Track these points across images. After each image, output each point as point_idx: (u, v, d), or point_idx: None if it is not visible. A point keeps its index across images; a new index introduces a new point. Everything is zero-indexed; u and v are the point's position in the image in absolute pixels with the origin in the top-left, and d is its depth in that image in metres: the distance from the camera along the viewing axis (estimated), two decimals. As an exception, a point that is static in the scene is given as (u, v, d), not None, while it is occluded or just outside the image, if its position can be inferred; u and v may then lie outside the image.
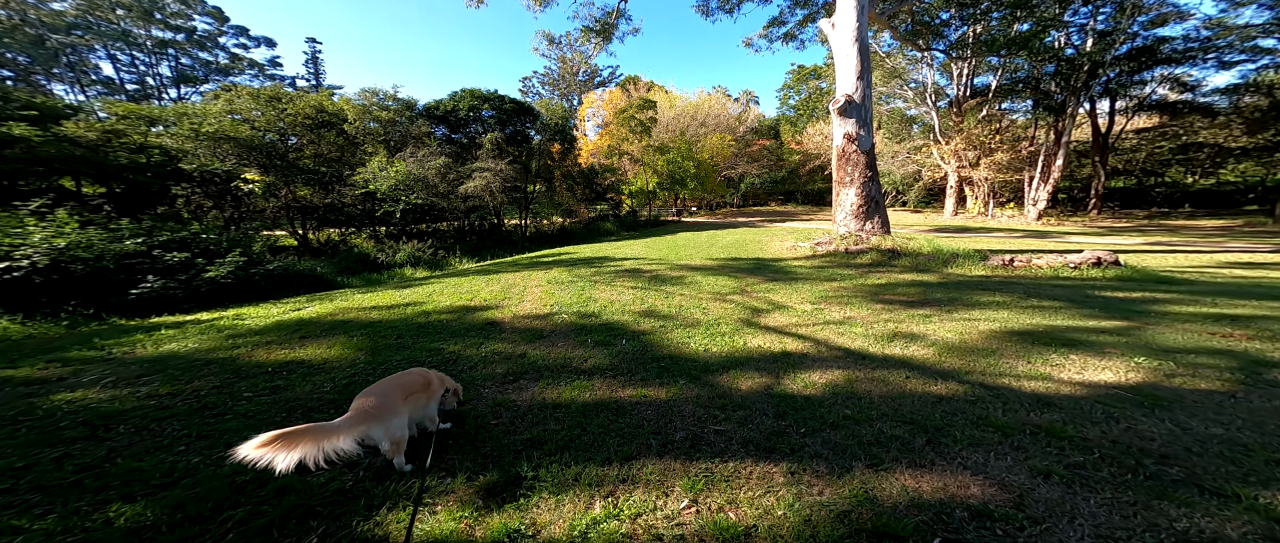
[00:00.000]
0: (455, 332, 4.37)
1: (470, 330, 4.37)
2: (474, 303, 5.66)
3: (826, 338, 3.82)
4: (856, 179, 9.47)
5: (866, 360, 3.20)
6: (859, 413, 2.39)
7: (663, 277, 7.31)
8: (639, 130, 23.34)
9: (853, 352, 3.41)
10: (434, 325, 4.57)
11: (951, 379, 2.74)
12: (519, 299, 5.84)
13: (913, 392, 2.61)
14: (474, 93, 18.06)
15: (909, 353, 3.31)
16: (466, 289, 6.62)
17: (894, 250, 8.15)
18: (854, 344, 3.60)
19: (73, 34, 28.07)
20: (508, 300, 5.77)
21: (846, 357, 3.32)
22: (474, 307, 5.46)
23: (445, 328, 4.50)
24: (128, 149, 10.39)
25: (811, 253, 9.61)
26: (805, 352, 3.50)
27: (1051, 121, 16.31)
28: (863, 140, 9.40)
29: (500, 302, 5.70)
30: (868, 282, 6.41)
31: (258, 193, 10.29)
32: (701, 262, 9.18)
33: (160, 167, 10.22)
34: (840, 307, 5.00)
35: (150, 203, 11.73)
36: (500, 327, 4.54)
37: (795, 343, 3.74)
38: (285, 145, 14.86)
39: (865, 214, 9.51)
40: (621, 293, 6.06)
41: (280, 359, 3.39)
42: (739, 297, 5.74)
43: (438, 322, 4.72)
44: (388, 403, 1.83)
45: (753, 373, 3.11)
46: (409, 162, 14.13)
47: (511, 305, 5.49)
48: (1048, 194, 16.20)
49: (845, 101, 9.41)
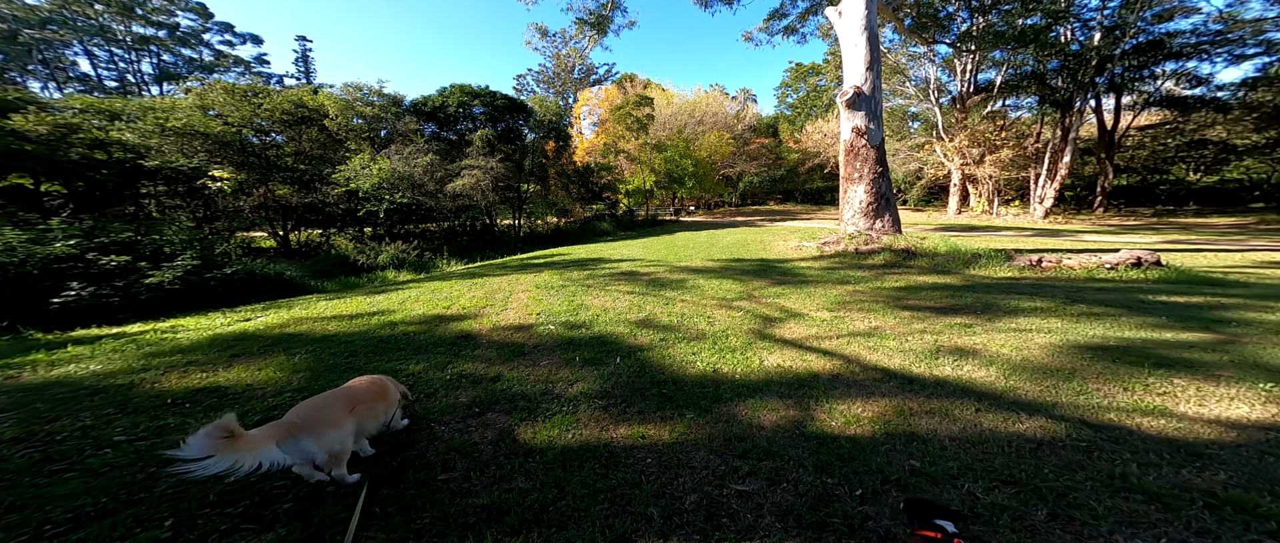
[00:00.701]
0: (421, 347, 3.74)
1: (439, 346, 3.75)
2: (450, 311, 5.03)
3: (857, 354, 3.24)
4: (866, 175, 8.93)
5: (915, 385, 2.62)
6: (931, 465, 1.79)
7: (661, 280, 6.71)
8: (636, 128, 22.76)
9: (894, 373, 2.83)
10: (398, 339, 3.94)
11: (1038, 413, 2.16)
12: (501, 307, 5.22)
13: (993, 432, 2.02)
14: (464, 88, 17.39)
15: (965, 374, 2.73)
16: (445, 295, 5.98)
17: (908, 250, 7.61)
18: (893, 362, 3.02)
19: (48, 29, 27.08)
20: (489, 309, 5.14)
21: (888, 379, 2.73)
22: (449, 316, 4.83)
23: (411, 342, 3.87)
24: (83, 145, 9.65)
25: (819, 253, 9.05)
26: (836, 372, 2.91)
27: (1058, 118, 15.93)
28: (872, 134, 8.86)
29: (480, 310, 5.08)
30: (885, 285, 5.85)
31: (226, 191, 9.61)
32: (702, 263, 8.59)
33: (118, 164, 9.48)
34: (862, 314, 4.42)
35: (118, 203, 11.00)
36: (475, 341, 3.92)
37: (821, 361, 3.16)
38: (263, 142, 14.14)
39: (875, 212, 8.96)
40: (616, 299, 5.45)
41: (192, 386, 2.76)
42: (747, 303, 5.15)
43: (403, 334, 4.09)
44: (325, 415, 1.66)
45: (776, 402, 2.52)
46: (394, 159, 13.46)
47: (492, 315, 4.87)
48: (1054, 192, 15.78)
49: (853, 93, 8.87)
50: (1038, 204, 16.71)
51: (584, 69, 39.48)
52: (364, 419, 1.84)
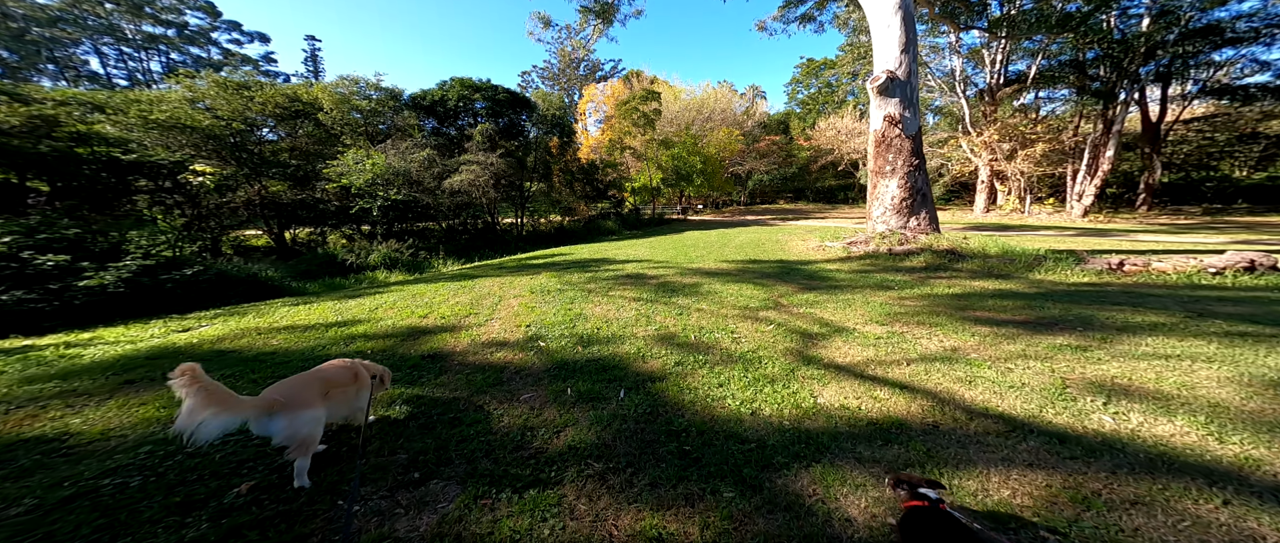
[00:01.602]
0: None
1: (397, 370, 2.98)
2: (426, 322, 4.27)
3: (949, 390, 2.40)
4: (899, 168, 8.01)
5: (1069, 445, 1.78)
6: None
7: (673, 284, 5.89)
8: (642, 123, 21.95)
9: (1023, 422, 1.99)
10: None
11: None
12: (487, 317, 4.45)
13: None
14: (464, 82, 16.75)
15: (1141, 429, 1.88)
16: (426, 301, 5.24)
17: (953, 251, 6.69)
18: (1010, 405, 2.17)
19: (58, 27, 27.18)
20: (471, 319, 4.38)
21: (1018, 433, 1.90)
22: (423, 328, 4.07)
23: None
24: (64, 138, 9.13)
25: (845, 254, 8.15)
26: (931, 419, 2.08)
27: (1100, 109, 14.75)
28: (908, 123, 7.94)
29: (461, 320, 4.31)
30: (936, 291, 4.96)
31: (209, 187, 9.05)
32: (716, 265, 7.76)
33: (100, 159, 8.94)
34: (926, 330, 3.56)
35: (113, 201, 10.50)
36: (445, 363, 3.15)
37: (900, 398, 2.32)
38: (257, 136, 13.62)
39: (909, 209, 8.04)
40: (621, 308, 4.65)
41: (25, 434, 2.01)
42: (775, 313, 4.32)
43: (359, 353, 3.34)
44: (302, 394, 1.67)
45: (857, 472, 1.70)
46: (390, 154, 12.83)
47: (474, 326, 4.10)
48: (1095, 189, 14.57)
49: (886, 79, 7.96)
50: (1075, 202, 15.52)
51: (589, 65, 38.79)
52: (335, 405, 1.82)
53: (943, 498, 1.28)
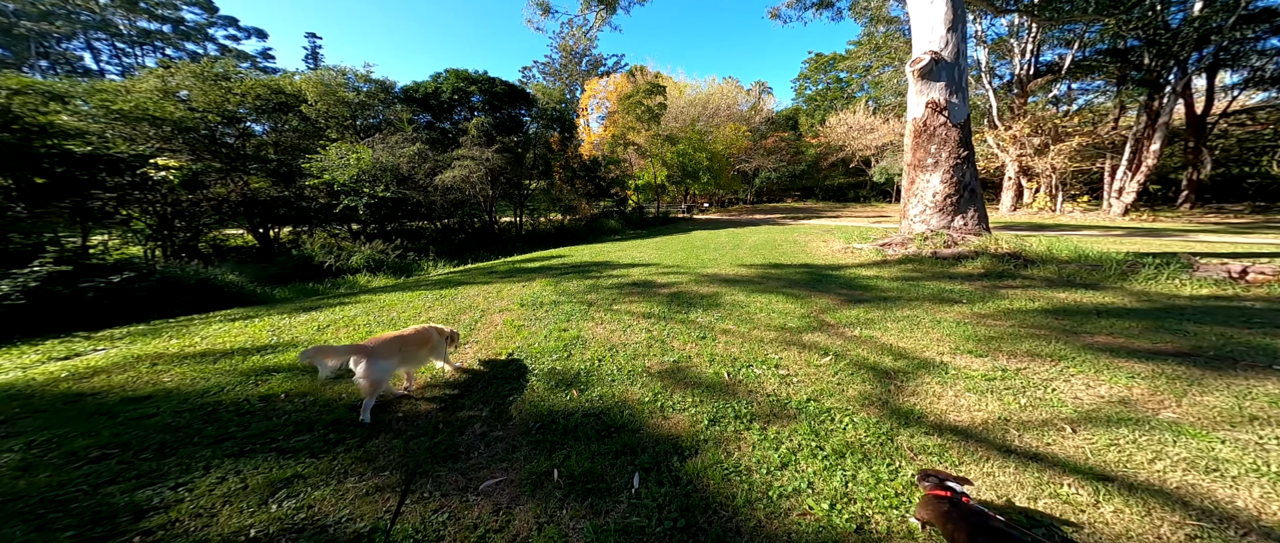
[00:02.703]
0: (272, 431, 2.08)
1: (304, 429, 2.08)
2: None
3: (1188, 485, 1.47)
4: (944, 161, 7.04)
5: None
6: None
7: (687, 295, 4.98)
8: (647, 118, 21.01)
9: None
10: (243, 408, 2.29)
11: None
12: (462, 339, 3.55)
13: None
14: (459, 74, 15.88)
15: None
16: (395, 316, 4.35)
17: (1016, 255, 5.72)
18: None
19: (50, 21, 26.60)
20: (439, 342, 3.48)
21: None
22: (374, 356, 3.18)
23: (268, 415, 2.22)
24: (20, 130, 8.33)
25: (880, 257, 7.20)
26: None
27: (1145, 100, 13.64)
28: (955, 110, 6.97)
29: (425, 344, 3.42)
30: (1016, 305, 4.02)
31: (173, 182, 8.26)
32: (733, 270, 6.83)
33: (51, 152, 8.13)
34: (1049, 365, 2.64)
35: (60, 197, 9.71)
36: (386, 416, 2.25)
37: (1109, 501, 1.39)
38: (241, 130, 12.81)
39: (955, 206, 7.07)
40: (628, 328, 3.75)
41: None
42: (824, 336, 3.40)
43: (259, 400, 2.44)
44: (381, 349, 2.15)
45: None
46: (377, 148, 11.98)
47: None
48: (1138, 186, 13.45)
49: (929, 60, 6.99)
50: (1114, 199, 14.42)
51: (592, 60, 37.83)
52: (408, 361, 2.34)
53: (966, 492, 1.27)
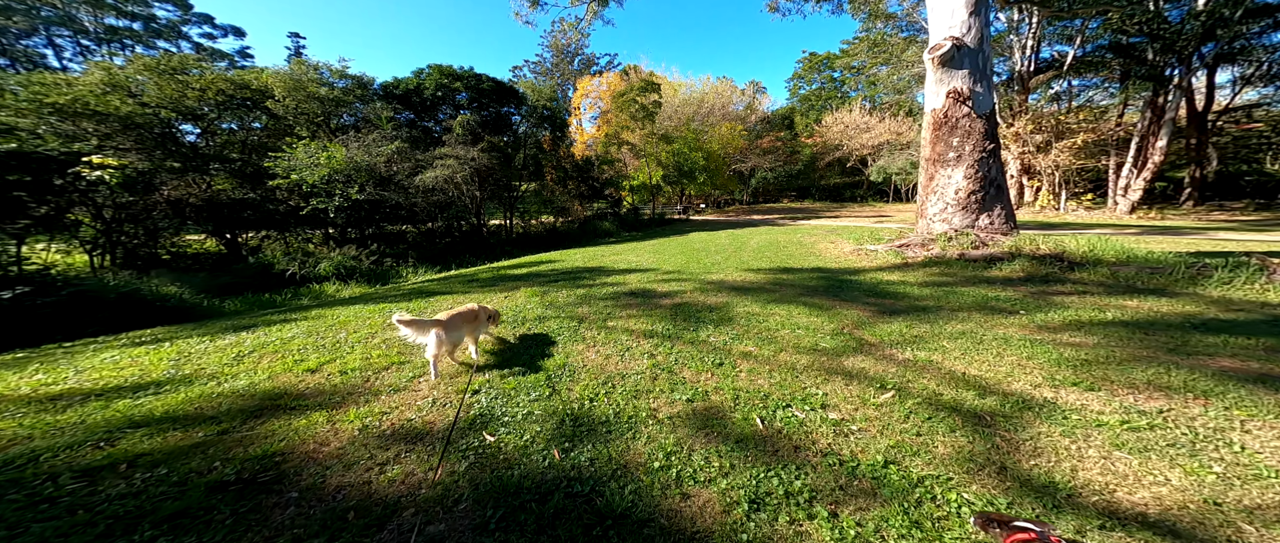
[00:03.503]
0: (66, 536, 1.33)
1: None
2: (309, 383, 2.63)
3: None
4: (968, 155, 6.46)
5: None
6: None
7: (693, 306, 4.30)
8: (641, 116, 20.37)
9: None
10: (54, 492, 1.53)
11: None
12: (418, 369, 2.81)
13: None
14: (443, 69, 15.08)
15: None
16: (341, 338, 3.59)
17: (1059, 257, 5.14)
18: None
19: (9, 15, 25.13)
20: (390, 373, 2.74)
21: None
22: (296, 395, 2.43)
23: (74, 505, 1.46)
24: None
25: (900, 260, 6.60)
26: None
27: (1149, 96, 13.36)
28: (979, 100, 6.41)
29: (371, 378, 2.69)
30: (1087, 316, 3.41)
31: (109, 182, 7.37)
32: (740, 276, 6.17)
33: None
34: (1205, 406, 1.98)
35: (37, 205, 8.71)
36: (273, 498, 1.50)
37: None
38: (203, 125, 11.86)
39: (980, 204, 6.49)
40: (627, 351, 3.05)
41: None
42: (868, 361, 2.74)
43: (99, 470, 1.68)
44: (449, 323, 2.67)
45: None
46: (353, 147, 11.13)
47: (386, 391, 2.48)
48: (1144, 183, 13.17)
49: (950, 47, 6.42)
50: (1120, 197, 14.11)
51: (584, 59, 37.15)
52: (464, 335, 2.77)
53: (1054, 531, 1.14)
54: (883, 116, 26.94)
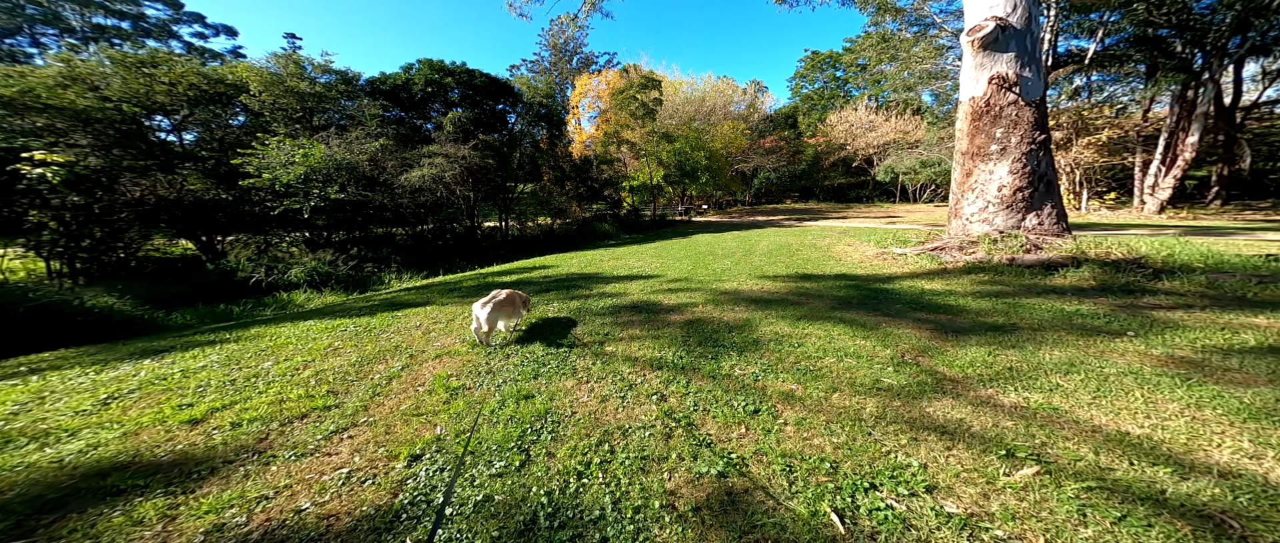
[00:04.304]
0: None
1: None
2: (161, 448, 1.85)
3: None
4: (1014, 147, 5.72)
5: None
6: None
7: (708, 325, 3.55)
8: (641, 114, 19.67)
9: None
10: None
11: None
12: (347, 417, 2.07)
13: None
14: (433, 64, 14.38)
15: None
16: (264, 368, 2.84)
17: (1138, 264, 4.38)
18: None
19: (-10, 17, 24.46)
20: (290, 431, 1.97)
21: None
22: (127, 475, 1.65)
23: None
24: None
25: (935, 265, 5.85)
26: None
27: (1176, 91, 12.69)
28: (1028, 85, 5.67)
29: (277, 436, 1.91)
30: (1226, 340, 2.66)
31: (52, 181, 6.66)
32: (757, 284, 5.42)
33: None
34: None
35: None
36: None
37: None
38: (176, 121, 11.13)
39: (1028, 202, 5.75)
40: (629, 391, 2.31)
41: None
42: (964, 407, 1.99)
43: None
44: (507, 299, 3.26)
45: None
46: (334, 144, 10.40)
47: (268, 468, 1.69)
48: (1174, 180, 12.47)
49: (993, 27, 5.69)
50: (1148, 195, 13.39)
51: (583, 58, 36.55)
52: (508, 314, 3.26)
53: None
54: (889, 115, 26.30)
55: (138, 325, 5.39)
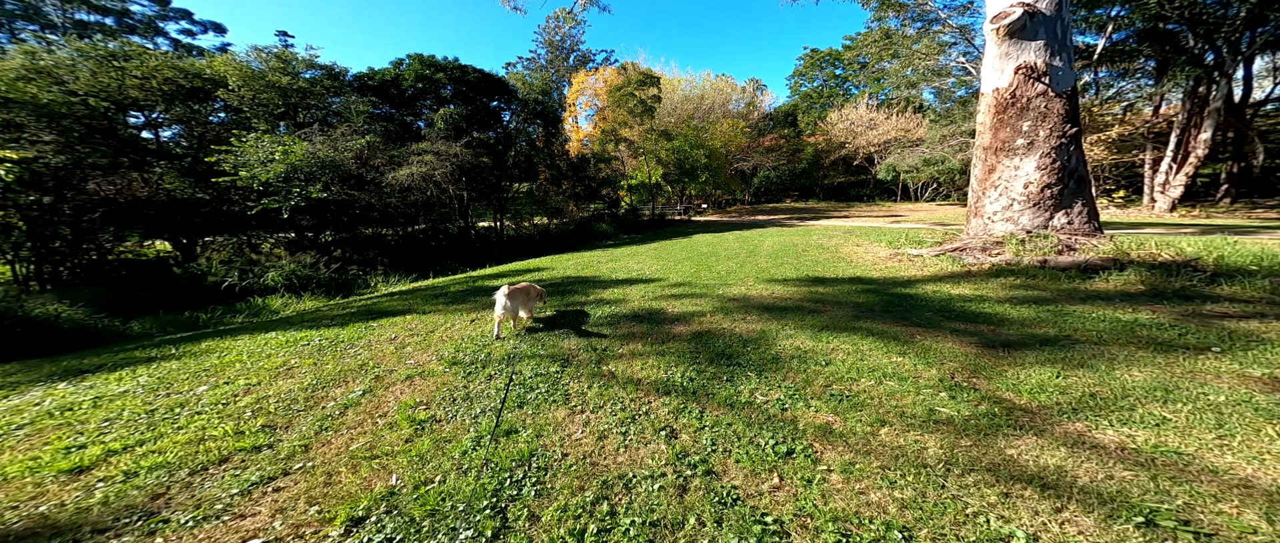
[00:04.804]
0: None
1: None
2: (11, 517, 1.40)
3: None
4: (1043, 140, 5.34)
5: None
6: None
7: (719, 338, 3.14)
8: (640, 111, 19.25)
9: None
10: None
11: None
12: (280, 464, 1.62)
13: None
14: (423, 60, 13.89)
15: None
16: (171, 404, 2.37)
17: (1191, 266, 3.99)
18: None
19: (-32, 12, 23.71)
20: (195, 486, 1.52)
21: None
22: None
23: None
24: None
25: (958, 267, 5.45)
26: None
27: (1189, 86, 12.40)
28: (1059, 76, 5.29)
29: (145, 501, 1.46)
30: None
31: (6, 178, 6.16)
32: (766, 288, 5.01)
33: None
34: None
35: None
36: None
37: None
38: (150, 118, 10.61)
39: (1057, 200, 5.36)
40: (630, 424, 1.86)
41: None
42: (1045, 446, 1.60)
43: None
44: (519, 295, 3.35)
45: None
46: (317, 141, 9.91)
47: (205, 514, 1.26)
48: (1186, 178, 12.18)
49: (1021, 14, 5.31)
50: (1159, 193, 13.11)
51: (580, 56, 36.05)
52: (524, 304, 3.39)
53: None
54: (890, 113, 26.00)
55: (88, 335, 4.91)
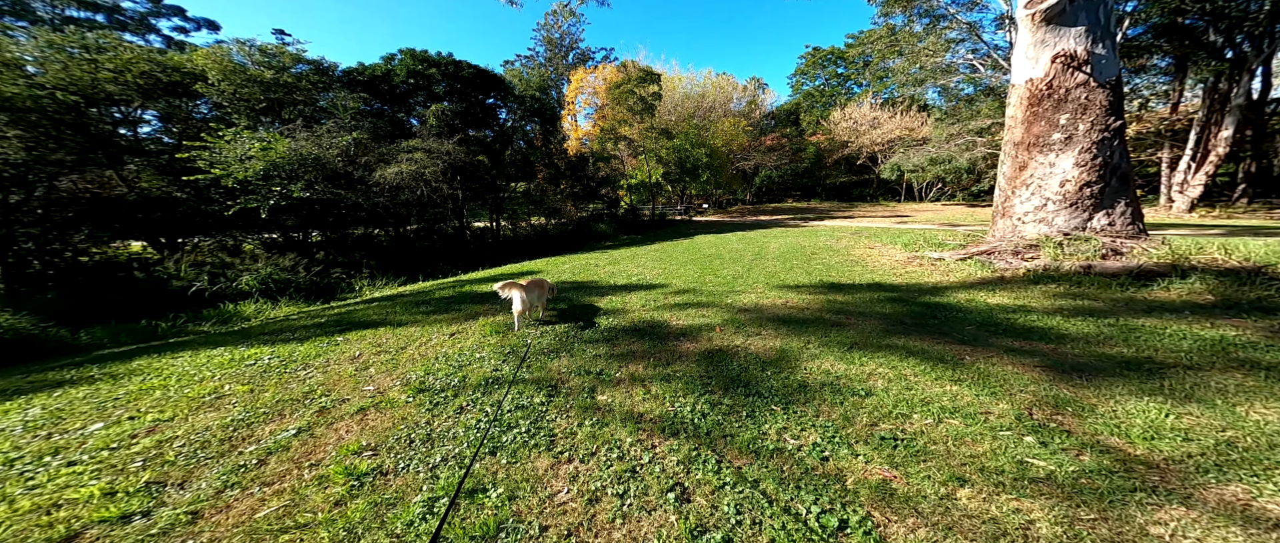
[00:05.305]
0: None
1: None
2: None
3: None
4: (1082, 135, 4.88)
5: None
6: None
7: (733, 358, 2.68)
8: (640, 108, 18.78)
9: None
10: None
11: None
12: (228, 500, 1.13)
13: None
14: (416, 55, 13.41)
15: None
16: (42, 450, 1.89)
17: (1263, 272, 3.53)
18: None
19: (-46, 8, 23.14)
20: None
21: None
22: None
23: None
24: None
25: (989, 273, 4.99)
26: None
27: (1209, 83, 11.97)
28: (1101, 65, 4.84)
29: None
30: None
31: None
32: (778, 296, 4.55)
33: None
34: None
35: None
36: None
37: None
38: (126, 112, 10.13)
39: (1098, 199, 4.90)
40: (630, 478, 1.37)
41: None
42: (1207, 525, 1.07)
43: None
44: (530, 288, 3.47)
45: None
46: (300, 137, 9.43)
47: None
48: (1206, 177, 11.73)
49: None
50: (1177, 194, 12.67)
51: (579, 54, 35.57)
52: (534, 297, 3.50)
53: None
54: (894, 112, 25.56)
55: (33, 347, 4.44)
